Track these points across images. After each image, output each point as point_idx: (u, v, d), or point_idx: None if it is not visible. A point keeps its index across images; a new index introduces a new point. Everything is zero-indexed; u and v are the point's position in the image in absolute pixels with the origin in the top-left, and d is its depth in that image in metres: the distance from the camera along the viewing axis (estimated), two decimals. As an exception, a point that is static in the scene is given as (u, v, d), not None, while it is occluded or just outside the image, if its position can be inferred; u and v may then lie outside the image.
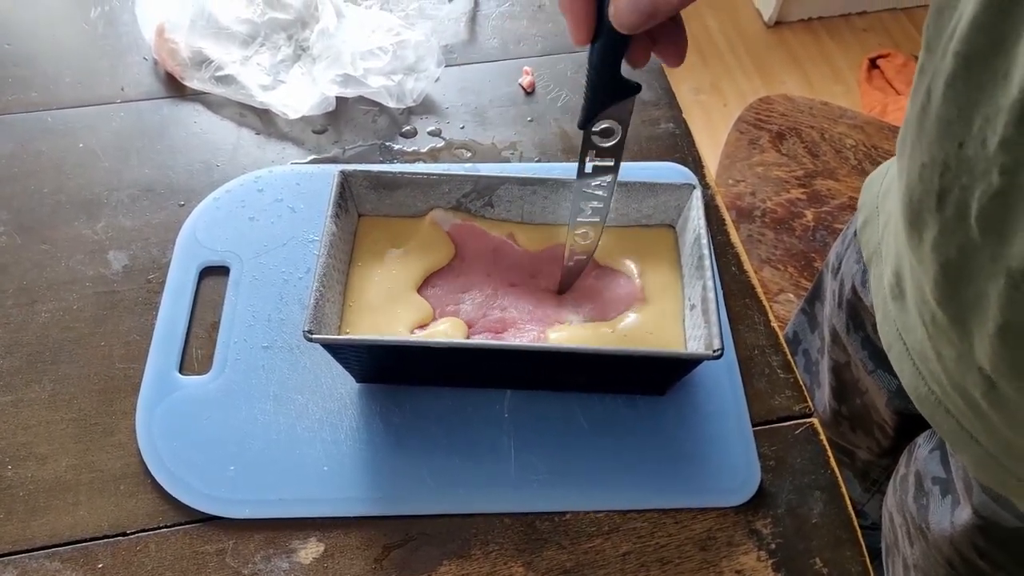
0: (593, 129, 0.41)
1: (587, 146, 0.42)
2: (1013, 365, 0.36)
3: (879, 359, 0.58)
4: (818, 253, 1.03)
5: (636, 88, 0.39)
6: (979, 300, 0.36)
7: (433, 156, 0.64)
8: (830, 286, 0.65)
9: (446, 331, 0.48)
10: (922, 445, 0.55)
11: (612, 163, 0.43)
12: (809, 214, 1.06)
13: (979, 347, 0.38)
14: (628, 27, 0.34)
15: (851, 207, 1.06)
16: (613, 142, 0.42)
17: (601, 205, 0.46)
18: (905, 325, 0.48)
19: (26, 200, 0.59)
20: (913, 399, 0.49)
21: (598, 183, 0.45)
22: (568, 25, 0.36)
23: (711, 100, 1.87)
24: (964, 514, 0.49)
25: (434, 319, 0.49)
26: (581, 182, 0.44)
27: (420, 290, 0.50)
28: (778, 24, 2.01)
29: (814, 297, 0.70)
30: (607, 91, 0.39)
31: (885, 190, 0.54)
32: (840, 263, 0.62)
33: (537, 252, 0.53)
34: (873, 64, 1.89)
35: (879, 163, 1.11)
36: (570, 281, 0.51)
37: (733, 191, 1.09)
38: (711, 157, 1.32)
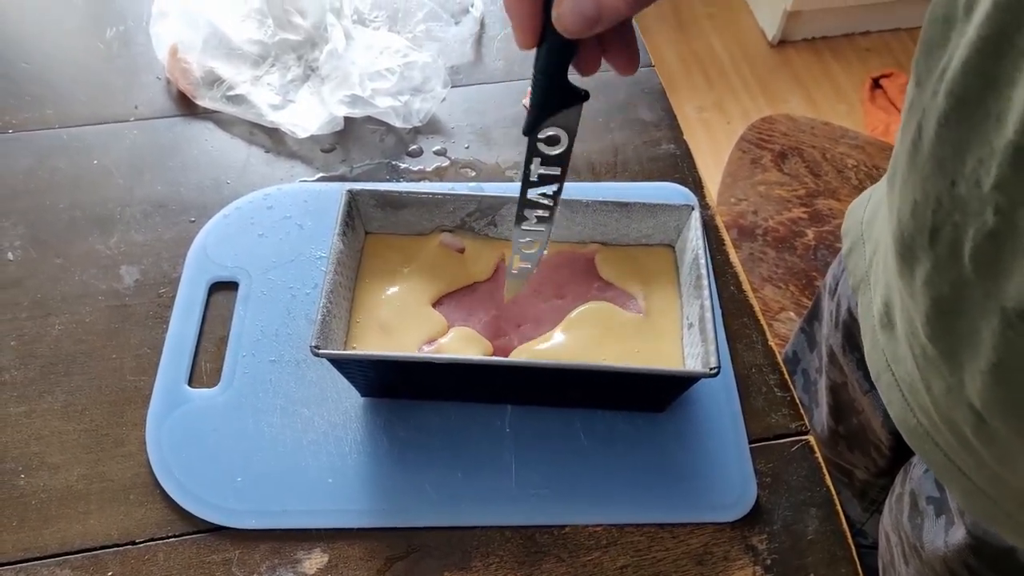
0: (539, 136, 0.40)
1: (532, 153, 0.40)
2: (1005, 403, 0.36)
3: (875, 380, 0.59)
4: (819, 272, 1.04)
5: (584, 96, 0.38)
6: (972, 337, 0.36)
7: (439, 175, 0.65)
8: (827, 306, 0.66)
9: (458, 339, 0.50)
10: (917, 465, 0.56)
11: (558, 171, 0.42)
12: (810, 233, 1.07)
13: (970, 383, 0.38)
14: (572, 32, 0.33)
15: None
16: (560, 150, 0.40)
17: (547, 214, 0.45)
18: (894, 355, 0.48)
19: (42, 215, 0.61)
20: (901, 430, 0.49)
21: (544, 191, 0.43)
22: (512, 28, 0.35)
23: (715, 118, 1.89)
24: (958, 534, 0.50)
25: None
26: (527, 188, 0.43)
27: (434, 307, 0.52)
28: (782, 43, 2.03)
29: (812, 317, 0.71)
30: (553, 97, 0.38)
31: (870, 217, 0.55)
32: (837, 284, 0.63)
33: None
34: (876, 84, 1.91)
35: (880, 183, 1.12)
36: (516, 289, 0.50)
37: (735, 210, 1.10)
38: (715, 175, 1.33)
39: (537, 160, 0.41)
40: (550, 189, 0.43)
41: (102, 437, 0.51)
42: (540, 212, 0.44)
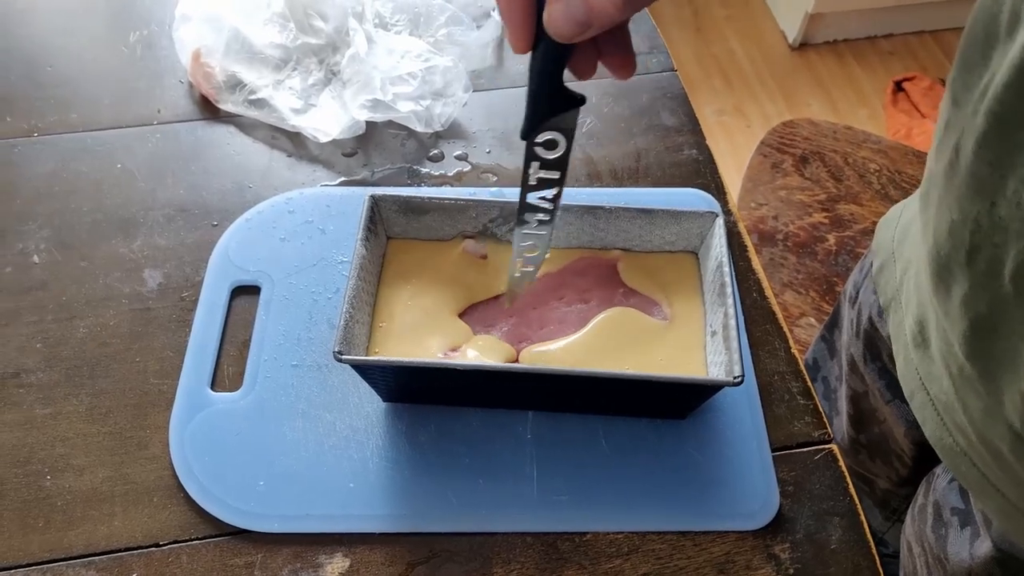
0: (536, 140, 0.39)
1: (530, 157, 0.40)
2: None
3: (896, 389, 0.58)
4: (840, 278, 1.03)
5: (580, 100, 0.38)
6: (1011, 357, 0.35)
7: (460, 180, 0.65)
8: (848, 315, 0.65)
9: (481, 345, 0.50)
10: (940, 475, 0.55)
11: (557, 175, 0.42)
12: (831, 238, 1.06)
13: (1009, 403, 0.37)
14: (563, 36, 0.33)
15: (874, 233, 1.06)
16: (558, 154, 0.40)
17: (548, 217, 0.45)
18: (928, 374, 0.48)
19: (66, 218, 0.61)
20: (936, 449, 0.48)
21: (543, 195, 0.43)
22: (507, 32, 0.36)
23: (734, 122, 1.88)
24: (983, 546, 0.49)
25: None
26: (526, 192, 0.43)
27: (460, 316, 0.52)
28: (803, 46, 2.02)
29: (833, 325, 0.70)
30: (549, 101, 0.38)
31: (901, 235, 0.54)
32: (858, 293, 0.63)
33: (557, 271, 0.54)
34: (898, 87, 1.89)
35: (903, 188, 1.11)
36: (517, 292, 0.50)
37: (756, 214, 1.09)
38: (734, 179, 1.32)
39: (536, 164, 0.41)
40: (550, 193, 0.43)
41: (126, 440, 0.51)
42: (541, 216, 0.45)
